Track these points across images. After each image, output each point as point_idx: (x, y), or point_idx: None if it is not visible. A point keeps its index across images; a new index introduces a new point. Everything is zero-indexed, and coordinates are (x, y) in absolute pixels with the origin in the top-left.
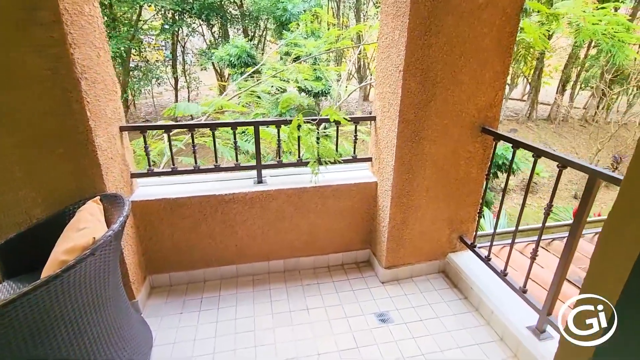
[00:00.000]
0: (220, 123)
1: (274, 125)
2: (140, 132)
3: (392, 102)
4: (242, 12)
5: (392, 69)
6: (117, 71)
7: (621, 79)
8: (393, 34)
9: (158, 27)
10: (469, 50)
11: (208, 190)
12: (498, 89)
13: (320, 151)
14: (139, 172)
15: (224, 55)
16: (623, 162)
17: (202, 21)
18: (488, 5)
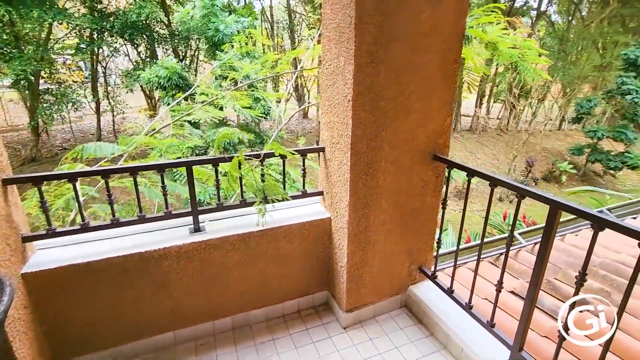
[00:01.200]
0: (143, 166)
1: (211, 164)
2: (32, 184)
3: (342, 134)
4: (170, 31)
5: (339, 98)
6: (23, 95)
7: (526, 93)
8: (338, 61)
9: (73, 46)
10: (416, 77)
11: (132, 247)
12: (446, 116)
13: (266, 189)
14: (34, 235)
15: (152, 77)
16: (535, 165)
17: (126, 40)
18: (431, 32)
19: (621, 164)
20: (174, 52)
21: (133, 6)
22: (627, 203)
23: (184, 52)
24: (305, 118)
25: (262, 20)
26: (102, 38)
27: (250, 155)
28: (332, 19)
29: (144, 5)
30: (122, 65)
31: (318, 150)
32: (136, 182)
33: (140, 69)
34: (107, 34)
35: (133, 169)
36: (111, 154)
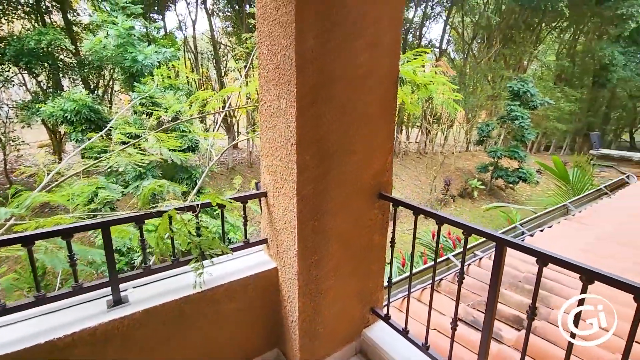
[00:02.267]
0: (42, 234)
1: (134, 222)
2: None
3: (286, 178)
4: (79, 60)
5: (282, 141)
6: None
7: (437, 120)
8: (278, 102)
9: None
10: (359, 118)
11: (25, 339)
12: (387, 154)
13: (204, 244)
14: None
15: (56, 111)
16: (451, 183)
17: (21, 69)
18: (370, 75)
19: (517, 179)
20: (84, 83)
21: (31, 32)
22: (533, 217)
23: (96, 82)
24: (235, 148)
25: (184, 50)
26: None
27: (183, 207)
28: (270, 59)
29: (46, 31)
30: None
31: (259, 195)
32: (31, 255)
33: (41, 102)
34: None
35: (27, 238)
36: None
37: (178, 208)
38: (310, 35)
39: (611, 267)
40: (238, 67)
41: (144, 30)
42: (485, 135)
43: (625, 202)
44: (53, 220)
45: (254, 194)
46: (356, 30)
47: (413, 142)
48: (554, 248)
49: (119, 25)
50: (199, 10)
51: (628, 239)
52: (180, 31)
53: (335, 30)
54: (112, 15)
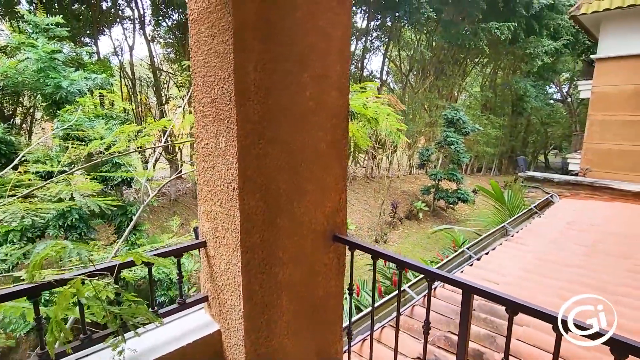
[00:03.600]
0: None
1: (25, 297)
2: None
3: (228, 227)
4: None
5: (222, 185)
6: None
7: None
8: (217, 141)
9: None
10: (309, 156)
11: None
12: (341, 192)
13: (124, 313)
14: None
15: None
16: (398, 206)
17: None
18: (319, 109)
19: (457, 199)
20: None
21: None
22: (478, 240)
23: (12, 110)
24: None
25: (121, 76)
26: None
27: (98, 271)
28: (206, 92)
29: None
30: None
31: (197, 246)
32: None
33: None
34: None
35: None
36: None
37: (90, 273)
38: (252, 67)
39: (551, 287)
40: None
41: (73, 55)
42: (425, 159)
43: (553, 220)
44: None
45: (190, 245)
46: (303, 62)
47: (360, 167)
48: (502, 270)
49: (39, 49)
50: (137, 36)
51: (562, 256)
52: (116, 56)
53: (279, 61)
54: (32, 37)
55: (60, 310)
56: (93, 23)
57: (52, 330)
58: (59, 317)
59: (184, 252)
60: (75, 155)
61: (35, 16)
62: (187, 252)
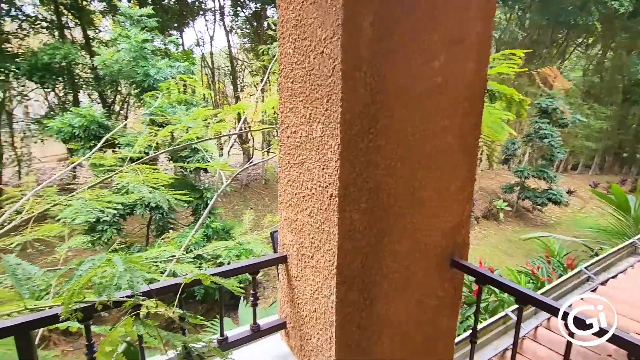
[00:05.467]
0: None
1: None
2: None
3: (319, 245)
4: (96, 74)
5: (314, 189)
6: None
7: None
8: (309, 128)
9: None
10: (430, 152)
11: None
12: (465, 202)
13: (191, 341)
14: None
15: (65, 127)
16: (475, 204)
17: (36, 84)
18: (446, 87)
19: (547, 200)
20: (101, 98)
21: (46, 47)
22: (600, 258)
23: (113, 97)
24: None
25: (202, 66)
26: (3, 80)
27: (163, 287)
28: (297, 62)
29: (60, 46)
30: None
31: (276, 262)
32: None
33: (51, 117)
34: (10, 76)
35: None
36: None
37: (144, 292)
38: (367, 23)
39: None
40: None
41: (162, 46)
42: (510, 154)
43: None
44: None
45: (267, 260)
46: (430, 19)
47: None
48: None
49: (131, 39)
50: (218, 27)
51: None
52: (199, 47)
53: (401, 19)
54: (126, 29)
55: (109, 344)
56: (179, 16)
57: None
58: (112, 347)
59: (260, 269)
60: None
61: (129, 8)
62: (264, 267)
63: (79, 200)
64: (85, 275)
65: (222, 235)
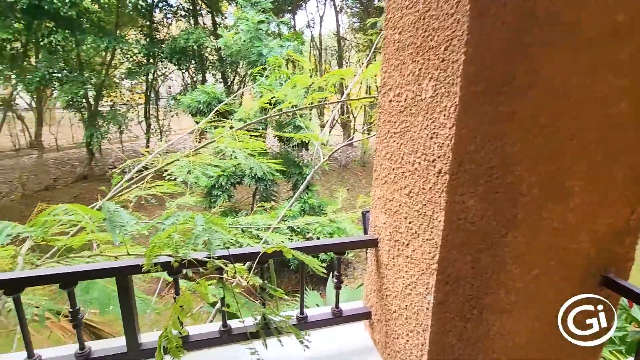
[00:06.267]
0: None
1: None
2: None
3: (418, 232)
4: (220, 56)
5: (418, 162)
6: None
7: None
8: (417, 88)
9: (126, 70)
10: (589, 124)
11: None
12: (637, 201)
13: (269, 313)
14: None
15: (193, 102)
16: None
17: (174, 65)
18: (630, 28)
19: None
20: (223, 78)
21: (183, 32)
22: None
23: (233, 77)
24: (350, 146)
25: (310, 47)
26: (151, 63)
27: (238, 253)
28: (409, 6)
29: (192, 31)
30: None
31: (365, 244)
32: (19, 305)
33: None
34: (157, 59)
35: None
36: None
37: (231, 255)
38: None
39: None
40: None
41: (276, 29)
42: None
43: None
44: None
45: (355, 241)
46: None
47: None
48: None
49: (249, 20)
50: (328, 7)
51: None
52: (309, 28)
53: None
54: (245, 11)
55: (183, 301)
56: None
57: (176, 319)
58: (207, 294)
59: (347, 250)
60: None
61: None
62: (353, 249)
63: (184, 160)
64: (167, 230)
65: (317, 211)
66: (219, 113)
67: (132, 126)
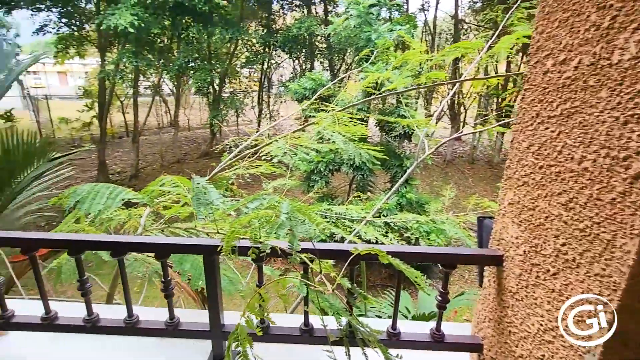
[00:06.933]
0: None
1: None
2: None
3: (580, 262)
4: (328, 44)
5: (594, 162)
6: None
7: None
8: (606, 49)
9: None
10: None
11: None
12: None
13: (355, 322)
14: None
15: (299, 89)
16: None
17: (286, 53)
18: None
19: None
20: (330, 65)
21: (296, 21)
22: None
23: (339, 65)
24: (457, 140)
25: (423, 32)
26: (266, 52)
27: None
28: None
29: (305, 19)
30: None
31: (483, 260)
32: (122, 266)
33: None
34: (272, 48)
35: (77, 244)
36: (103, 208)
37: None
38: None
39: None
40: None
41: (387, 14)
42: None
43: None
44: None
45: (470, 255)
46: None
47: None
48: None
49: (360, 5)
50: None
51: None
52: (423, 12)
53: None
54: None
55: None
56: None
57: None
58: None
59: (458, 264)
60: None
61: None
62: (463, 264)
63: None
64: (249, 214)
65: (415, 207)
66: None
67: (247, 111)
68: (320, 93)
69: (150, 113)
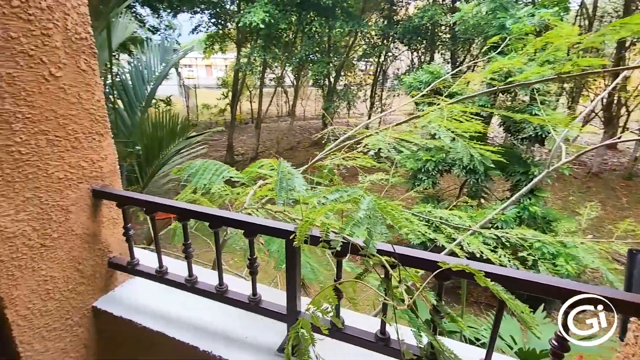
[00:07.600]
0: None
1: None
2: (117, 204)
3: None
4: (452, 34)
5: None
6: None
7: None
8: None
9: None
10: None
11: (198, 331)
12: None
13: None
14: (118, 263)
15: (413, 82)
16: None
17: (404, 45)
18: None
19: None
20: (452, 57)
21: (419, 11)
22: None
23: (463, 57)
24: (610, 149)
25: (578, 15)
26: (384, 44)
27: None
28: None
29: (429, 8)
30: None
31: (632, 308)
32: (217, 238)
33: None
34: (390, 39)
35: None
36: (210, 181)
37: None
38: None
39: None
40: None
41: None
42: None
43: None
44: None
45: (612, 298)
46: None
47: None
48: None
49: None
50: None
51: None
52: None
53: None
54: None
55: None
56: None
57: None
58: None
59: (590, 306)
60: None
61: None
62: (599, 305)
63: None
64: (325, 207)
65: (540, 224)
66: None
67: (359, 104)
68: (433, 85)
69: (272, 102)
